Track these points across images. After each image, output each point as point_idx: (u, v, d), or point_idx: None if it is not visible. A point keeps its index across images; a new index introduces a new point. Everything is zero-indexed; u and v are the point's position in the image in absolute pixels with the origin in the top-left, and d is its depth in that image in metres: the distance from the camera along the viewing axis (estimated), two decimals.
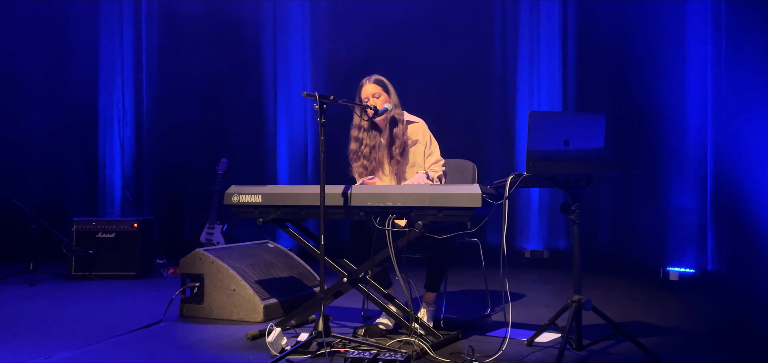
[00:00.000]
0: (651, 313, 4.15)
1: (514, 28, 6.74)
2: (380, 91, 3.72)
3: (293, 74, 7.21)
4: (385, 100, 3.71)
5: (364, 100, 3.71)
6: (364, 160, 3.75)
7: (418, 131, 3.76)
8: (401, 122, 3.75)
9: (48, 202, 7.16)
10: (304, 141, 7.17)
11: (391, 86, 3.77)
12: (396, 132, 3.73)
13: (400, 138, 3.72)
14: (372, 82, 3.74)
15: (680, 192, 5.70)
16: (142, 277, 5.66)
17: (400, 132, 3.73)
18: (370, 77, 3.76)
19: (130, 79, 7.48)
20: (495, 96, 6.79)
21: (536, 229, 6.72)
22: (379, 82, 3.75)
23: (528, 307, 4.42)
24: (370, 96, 3.71)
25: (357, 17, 6.90)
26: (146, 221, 5.87)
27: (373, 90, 3.72)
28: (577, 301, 3.12)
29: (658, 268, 5.62)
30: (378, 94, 3.72)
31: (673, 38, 5.75)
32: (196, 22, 7.22)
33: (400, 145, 3.71)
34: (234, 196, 3.60)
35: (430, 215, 3.17)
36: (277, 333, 3.17)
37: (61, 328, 3.83)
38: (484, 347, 3.26)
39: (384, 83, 3.76)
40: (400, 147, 3.71)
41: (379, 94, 3.72)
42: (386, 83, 3.76)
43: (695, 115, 5.61)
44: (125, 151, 7.49)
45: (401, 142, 3.72)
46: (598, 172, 3.11)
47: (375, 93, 3.72)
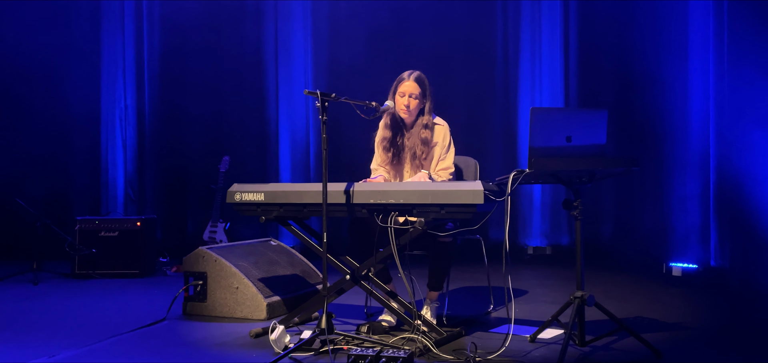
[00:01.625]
0: (654, 309, 4.15)
1: (515, 24, 6.73)
2: (418, 91, 3.63)
3: (295, 72, 7.21)
4: (418, 102, 3.63)
5: (401, 95, 3.64)
6: (391, 150, 3.68)
7: (439, 133, 3.69)
8: (430, 127, 3.66)
9: (51, 201, 7.18)
10: (306, 138, 7.17)
11: (428, 87, 3.68)
12: (424, 136, 3.64)
13: (428, 143, 3.64)
14: (412, 80, 3.63)
15: (683, 187, 5.70)
16: (145, 276, 5.67)
17: (429, 136, 3.64)
18: (412, 73, 3.66)
19: (132, 77, 7.49)
20: (497, 92, 6.79)
21: (539, 226, 6.72)
22: (419, 80, 3.64)
23: (531, 303, 4.42)
24: (407, 94, 3.63)
25: (359, 15, 6.89)
26: (149, 220, 5.88)
27: (410, 89, 3.63)
28: (579, 297, 3.12)
29: (660, 264, 5.62)
30: (416, 94, 3.63)
31: (675, 33, 5.75)
32: (197, 20, 7.22)
33: (423, 147, 3.64)
34: (236, 194, 3.61)
35: (432, 212, 3.17)
36: (281, 330, 3.17)
37: (65, 327, 3.84)
38: (487, 344, 3.27)
39: (423, 83, 3.65)
40: (424, 152, 3.65)
41: (417, 94, 3.63)
42: (425, 83, 3.66)
43: (698, 110, 5.60)
44: (128, 150, 7.50)
45: (427, 147, 3.65)
46: (600, 168, 3.11)
47: (413, 92, 3.62)
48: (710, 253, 5.48)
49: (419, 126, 3.67)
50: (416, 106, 3.66)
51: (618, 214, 6.38)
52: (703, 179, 5.55)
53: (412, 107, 3.65)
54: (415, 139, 3.67)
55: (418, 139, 3.65)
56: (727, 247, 5.33)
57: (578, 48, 6.53)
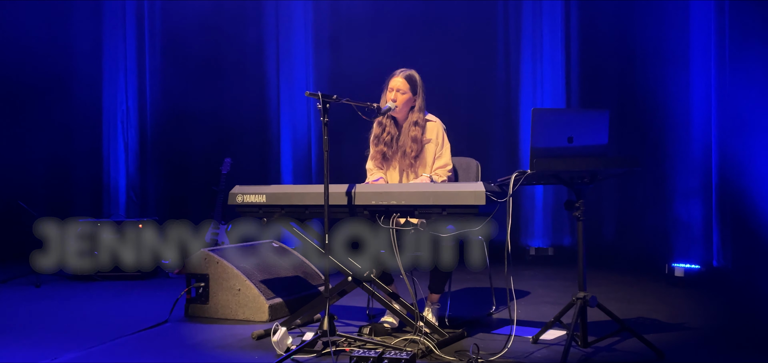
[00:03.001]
0: (656, 310, 4.14)
1: (516, 24, 6.73)
2: (406, 87, 3.65)
3: (296, 74, 7.22)
4: (406, 98, 3.65)
5: (389, 90, 3.67)
6: (383, 147, 3.70)
7: (431, 130, 3.70)
8: (421, 125, 3.66)
9: (53, 203, 7.18)
10: (308, 140, 7.18)
11: (420, 86, 3.68)
12: (414, 134, 3.65)
13: (418, 141, 3.65)
14: (401, 77, 3.66)
15: (685, 188, 5.69)
16: (147, 278, 5.67)
17: (419, 134, 3.65)
18: (402, 71, 3.68)
19: (133, 79, 7.50)
20: (498, 93, 6.79)
21: (541, 226, 6.72)
22: (409, 78, 3.66)
23: (533, 304, 4.41)
24: (394, 89, 3.65)
25: (359, 17, 6.90)
26: (151, 222, 5.88)
27: (398, 84, 3.66)
28: (582, 298, 3.12)
29: (663, 265, 5.61)
30: (404, 90, 3.65)
31: (677, 33, 5.74)
32: (198, 21, 7.23)
33: (413, 145, 3.65)
34: (238, 196, 3.61)
35: (433, 214, 3.17)
36: (283, 332, 3.17)
37: (67, 329, 3.84)
38: (490, 345, 3.26)
39: (413, 80, 3.67)
40: (414, 149, 3.65)
41: (405, 90, 3.65)
42: (416, 81, 3.67)
43: (700, 110, 5.59)
44: (129, 152, 7.51)
45: (417, 144, 3.66)
46: (602, 168, 3.10)
47: (400, 88, 3.65)
48: (713, 254, 5.47)
49: (409, 123, 3.68)
50: (404, 101, 3.66)
51: (620, 215, 6.37)
52: (705, 179, 5.54)
53: (399, 101, 3.65)
54: (406, 137, 3.68)
55: (409, 138, 3.66)
56: (730, 247, 5.32)
57: (579, 48, 6.52)
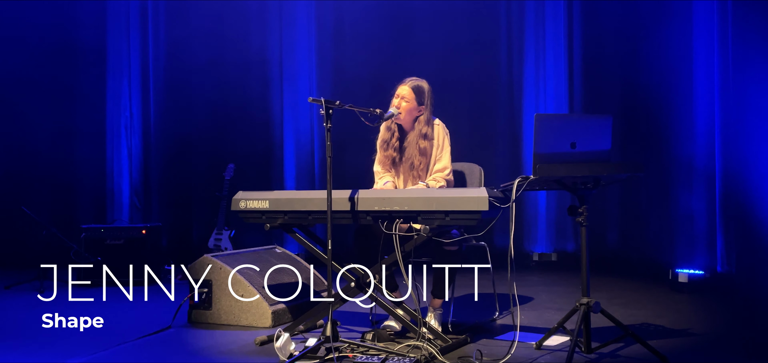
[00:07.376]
0: (660, 316, 4.13)
1: (519, 29, 6.73)
2: (412, 97, 3.64)
3: (299, 79, 7.22)
4: (410, 107, 3.64)
5: (395, 96, 3.67)
6: (392, 152, 3.69)
7: (434, 133, 3.71)
8: (430, 139, 3.65)
9: (57, 209, 7.20)
10: (311, 146, 7.18)
11: (428, 97, 3.67)
12: (423, 146, 3.63)
13: (427, 154, 3.63)
14: (408, 85, 3.66)
15: (688, 193, 5.67)
16: (151, 284, 5.67)
17: (428, 147, 3.64)
18: (411, 80, 3.68)
19: (137, 85, 7.51)
20: (501, 99, 6.78)
21: (544, 232, 6.71)
22: (416, 88, 3.66)
23: (536, 310, 4.41)
24: (400, 96, 3.65)
25: (363, 22, 6.91)
26: (154, 227, 5.89)
27: (404, 92, 3.66)
28: (585, 304, 3.11)
29: (667, 270, 5.58)
30: (408, 99, 3.64)
31: (680, 38, 5.73)
32: (202, 27, 7.24)
33: (421, 158, 3.63)
34: (241, 201, 3.61)
35: (436, 219, 3.17)
36: (286, 338, 3.17)
37: (71, 336, 3.84)
38: (493, 351, 3.26)
39: (420, 91, 3.65)
40: (423, 163, 3.64)
41: (410, 99, 3.64)
42: (423, 92, 3.66)
43: (703, 116, 5.58)
44: (133, 158, 7.52)
45: (426, 158, 3.64)
46: (605, 174, 3.10)
47: (405, 96, 3.64)
48: (717, 259, 5.45)
49: (417, 134, 3.66)
50: (407, 109, 3.65)
51: (623, 220, 6.35)
52: (709, 184, 5.53)
53: (402, 109, 3.64)
54: (413, 149, 3.66)
55: (417, 150, 3.65)
56: (734, 252, 5.30)
57: (582, 53, 6.52)
